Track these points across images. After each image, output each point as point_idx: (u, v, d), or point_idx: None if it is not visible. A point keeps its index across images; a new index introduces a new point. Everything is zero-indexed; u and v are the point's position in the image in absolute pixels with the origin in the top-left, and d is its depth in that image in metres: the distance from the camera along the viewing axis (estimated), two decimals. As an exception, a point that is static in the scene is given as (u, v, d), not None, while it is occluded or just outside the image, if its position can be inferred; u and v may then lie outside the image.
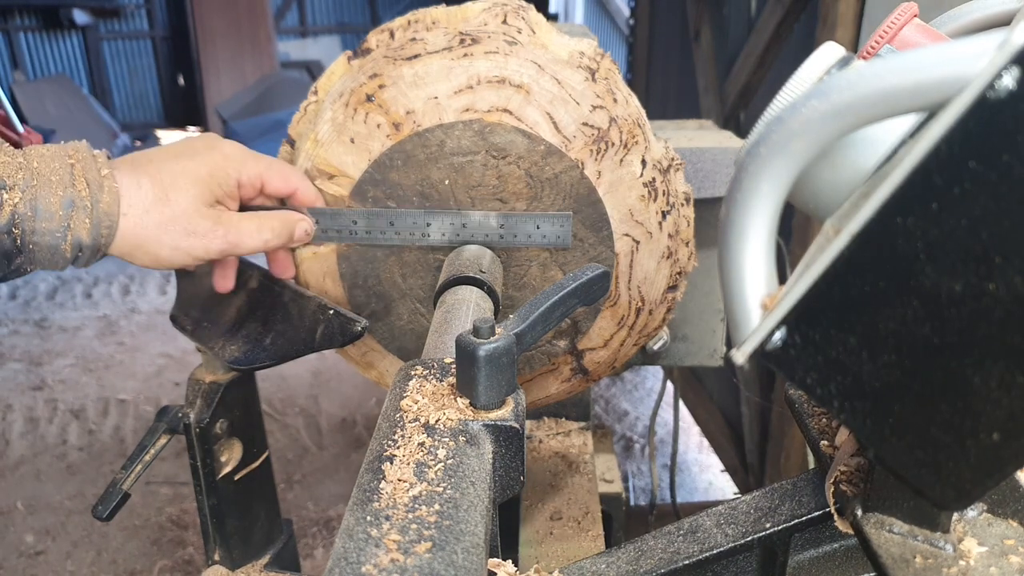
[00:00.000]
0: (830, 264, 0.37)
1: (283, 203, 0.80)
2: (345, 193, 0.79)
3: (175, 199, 0.68)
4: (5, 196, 0.61)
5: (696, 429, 3.14)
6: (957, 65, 0.34)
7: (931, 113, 0.37)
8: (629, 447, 3.26)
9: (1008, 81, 0.31)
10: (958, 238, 0.35)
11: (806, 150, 0.38)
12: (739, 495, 0.61)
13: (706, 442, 3.02)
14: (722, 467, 2.78)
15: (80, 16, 8.81)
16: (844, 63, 0.45)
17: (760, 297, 0.41)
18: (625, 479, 2.96)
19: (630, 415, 3.50)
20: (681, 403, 2.49)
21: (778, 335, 0.40)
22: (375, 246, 0.81)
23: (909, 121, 0.43)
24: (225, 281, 0.82)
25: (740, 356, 0.41)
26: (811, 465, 0.63)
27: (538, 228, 0.78)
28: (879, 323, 0.37)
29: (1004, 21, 0.52)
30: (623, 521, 1.21)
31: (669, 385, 2.18)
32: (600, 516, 1.00)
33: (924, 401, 0.38)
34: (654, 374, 3.78)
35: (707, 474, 3.10)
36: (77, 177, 0.64)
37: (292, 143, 0.86)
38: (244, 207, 0.77)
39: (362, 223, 0.79)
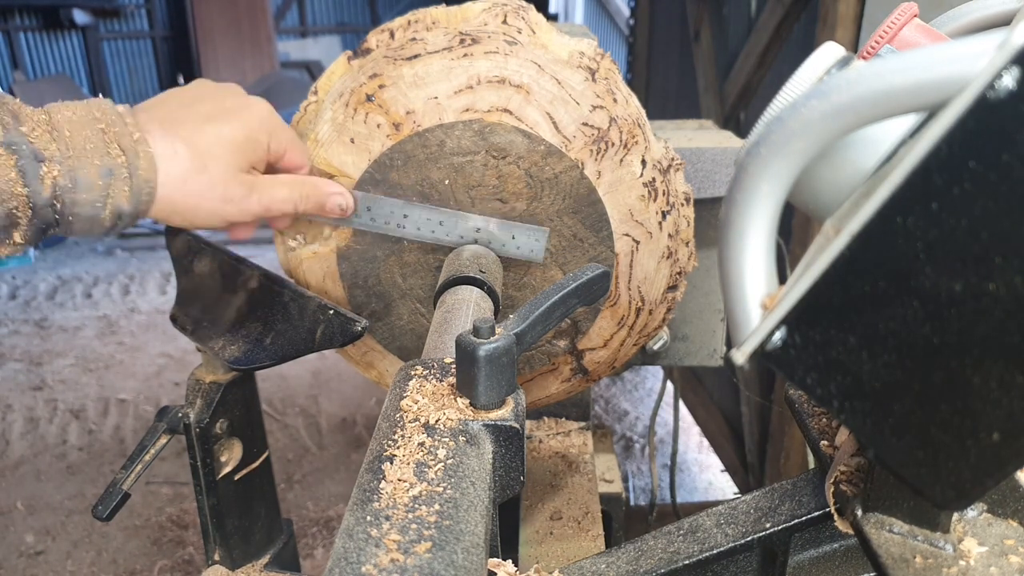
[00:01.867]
0: (830, 264, 0.37)
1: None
2: (345, 193, 0.79)
3: (212, 167, 0.67)
4: (44, 169, 0.59)
5: (696, 429, 3.14)
6: (957, 65, 0.34)
7: (931, 113, 0.37)
8: (629, 447, 3.26)
9: (1008, 81, 0.31)
10: (958, 238, 0.35)
11: (806, 150, 0.38)
12: (739, 495, 0.61)
13: (706, 442, 3.02)
14: (722, 467, 2.78)
15: (80, 16, 8.80)
16: (844, 63, 0.45)
17: (760, 297, 0.41)
18: (625, 479, 2.96)
19: (630, 415, 3.50)
20: (681, 403, 2.49)
21: (778, 335, 0.40)
22: (375, 246, 0.81)
23: (909, 121, 0.43)
24: (244, 233, 0.81)
25: (740, 356, 0.41)
26: (811, 465, 0.63)
27: (514, 238, 0.79)
28: (879, 323, 0.37)
29: (1004, 21, 0.52)
30: (623, 521, 1.21)
31: (669, 385, 2.18)
32: (600, 516, 1.00)
33: (924, 401, 0.38)
34: (654, 374, 3.78)
35: (707, 474, 3.10)
36: (110, 143, 0.63)
37: (292, 143, 0.86)
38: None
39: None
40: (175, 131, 0.67)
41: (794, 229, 1.89)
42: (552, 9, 9.38)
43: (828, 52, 0.46)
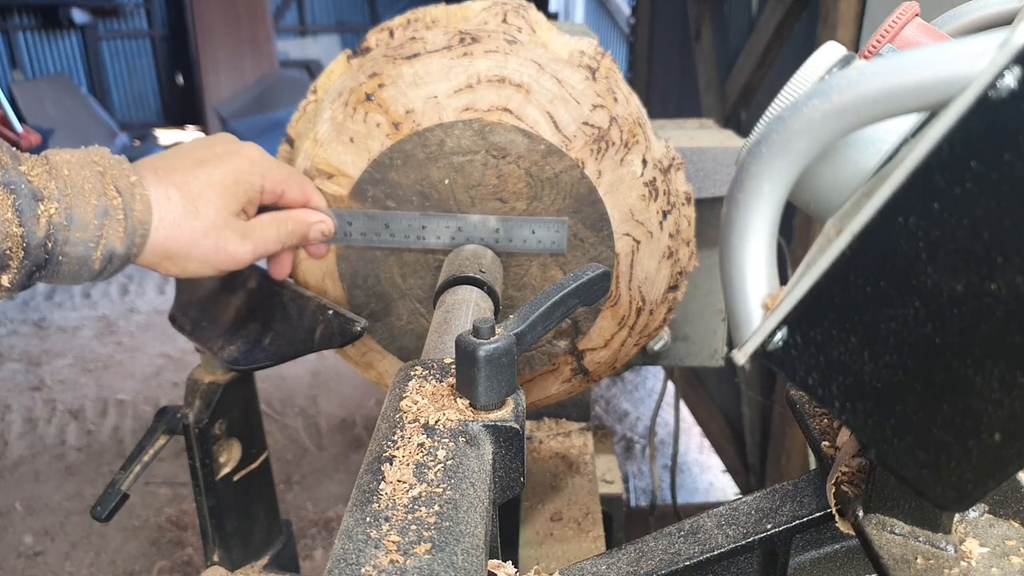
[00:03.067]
0: (831, 264, 0.37)
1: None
2: (344, 193, 0.79)
3: (204, 211, 0.68)
4: (41, 208, 0.59)
5: (697, 430, 3.14)
6: (959, 64, 0.34)
7: (932, 112, 0.37)
8: (630, 448, 3.26)
9: (1010, 80, 0.31)
10: (959, 238, 0.34)
11: (807, 149, 0.38)
12: (740, 496, 0.61)
13: (707, 443, 3.02)
14: (723, 468, 2.77)
15: (79, 15, 8.79)
16: (845, 62, 0.45)
17: (761, 297, 0.41)
18: (626, 480, 2.96)
19: (631, 415, 3.50)
20: (682, 403, 2.49)
21: (779, 335, 0.39)
22: (374, 247, 0.81)
23: (910, 120, 0.43)
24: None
25: (741, 356, 0.41)
26: (812, 466, 0.63)
27: (533, 233, 0.78)
28: (880, 323, 0.37)
29: (1005, 20, 0.52)
30: (623, 522, 1.21)
31: (670, 385, 2.18)
32: (600, 517, 1.00)
33: (925, 401, 0.38)
34: (655, 374, 3.78)
35: (708, 475, 3.09)
36: (107, 185, 0.63)
37: (291, 142, 0.86)
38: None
39: (357, 225, 0.79)
40: (168, 177, 0.68)
41: (795, 229, 1.89)
42: (552, 8, 9.38)
43: (829, 51, 0.45)
